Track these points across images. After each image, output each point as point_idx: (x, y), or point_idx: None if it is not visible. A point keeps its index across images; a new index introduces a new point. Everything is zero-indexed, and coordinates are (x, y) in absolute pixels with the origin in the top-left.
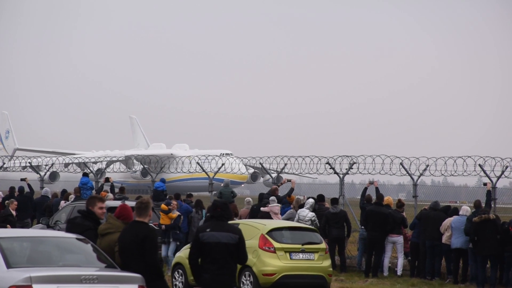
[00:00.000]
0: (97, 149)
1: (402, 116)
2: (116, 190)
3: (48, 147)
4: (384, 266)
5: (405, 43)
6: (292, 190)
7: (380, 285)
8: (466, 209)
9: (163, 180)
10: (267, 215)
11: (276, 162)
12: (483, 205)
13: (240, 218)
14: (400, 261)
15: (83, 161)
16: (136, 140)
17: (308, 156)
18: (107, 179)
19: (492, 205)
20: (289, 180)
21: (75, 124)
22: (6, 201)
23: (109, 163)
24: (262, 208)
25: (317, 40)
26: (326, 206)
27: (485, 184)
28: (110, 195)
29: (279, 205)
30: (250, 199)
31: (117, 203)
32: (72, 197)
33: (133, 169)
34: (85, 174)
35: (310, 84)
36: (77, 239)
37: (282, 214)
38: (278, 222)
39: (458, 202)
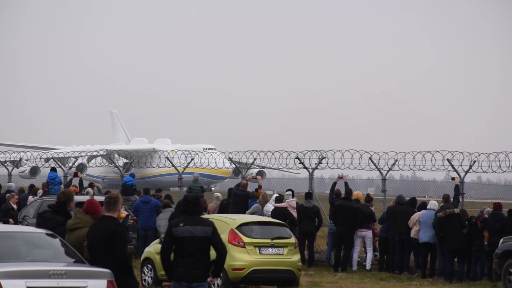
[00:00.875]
0: (77, 144)
1: (373, 111)
2: (85, 185)
3: (26, 142)
4: (353, 261)
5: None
6: (260, 186)
7: (349, 279)
8: (434, 204)
9: (132, 175)
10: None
11: (245, 156)
12: (452, 199)
13: (209, 213)
14: (369, 255)
15: (64, 156)
16: (117, 134)
17: (277, 151)
18: (75, 174)
19: (460, 200)
20: (255, 177)
21: (54, 117)
22: (7, 195)
23: (90, 158)
24: (277, 204)
25: (304, 36)
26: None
27: (453, 179)
28: (91, 191)
29: (295, 199)
30: (219, 194)
31: (85, 198)
32: (40, 192)
33: (115, 164)
34: (53, 169)
35: (289, 80)
36: (46, 234)
37: (249, 208)
38: (247, 217)
39: (426, 196)
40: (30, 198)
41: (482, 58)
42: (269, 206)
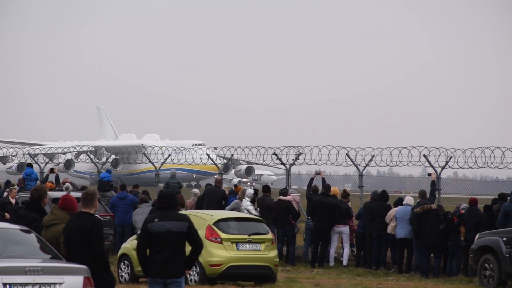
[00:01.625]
0: (64, 139)
1: (350, 108)
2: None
3: (13, 138)
4: (330, 257)
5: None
6: (240, 182)
7: (326, 275)
8: (410, 199)
9: (109, 171)
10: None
11: (223, 152)
12: (428, 195)
13: (187, 209)
14: (346, 251)
15: (51, 151)
16: (104, 130)
17: (254, 147)
18: (52, 170)
19: (437, 195)
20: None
21: (40, 113)
22: (7, 189)
23: (78, 153)
24: (282, 197)
25: (288, 32)
26: (270, 197)
27: (429, 174)
28: (70, 186)
29: (299, 194)
30: (197, 190)
31: (61, 194)
32: (16, 188)
33: (103, 160)
34: (30, 165)
35: (271, 76)
36: (21, 230)
37: (228, 204)
38: (225, 212)
39: (403, 192)
40: (6, 194)
41: (471, 55)
42: (246, 202)
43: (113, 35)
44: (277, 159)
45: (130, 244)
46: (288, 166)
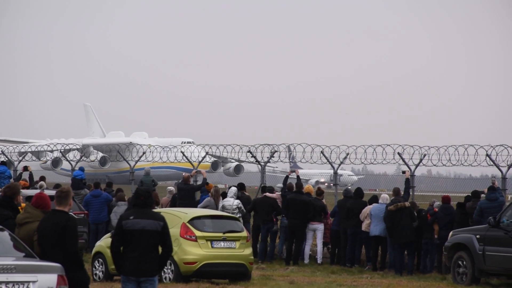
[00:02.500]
0: (51, 137)
1: (324, 107)
2: (36, 179)
3: None
4: (305, 254)
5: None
6: (205, 180)
7: (301, 272)
8: (385, 197)
9: (81, 169)
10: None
11: (197, 150)
12: (402, 192)
13: (162, 207)
14: (320, 248)
15: (38, 149)
16: (91, 128)
17: (229, 145)
18: (25, 168)
19: (411, 193)
20: (199, 171)
21: (26, 110)
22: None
23: (65, 151)
24: (268, 194)
25: (285, 28)
26: (246, 194)
27: (403, 172)
28: (44, 184)
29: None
30: (172, 188)
31: (34, 191)
32: None
33: (91, 158)
34: (3, 163)
35: (255, 74)
36: None
37: (200, 202)
38: (199, 210)
39: (377, 190)
40: None
41: (454, 53)
42: (231, 200)
43: (114, 32)
44: (252, 157)
45: (104, 242)
46: (263, 164)
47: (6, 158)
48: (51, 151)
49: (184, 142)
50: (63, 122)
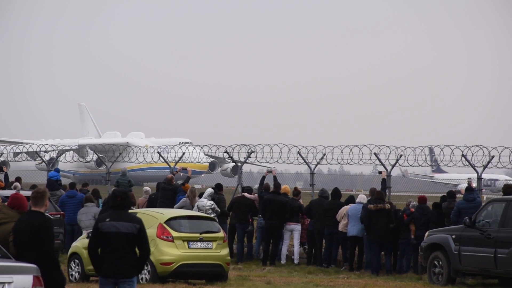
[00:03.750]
0: (46, 137)
1: (303, 107)
2: (12, 179)
3: None
4: (282, 254)
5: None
6: (188, 178)
7: (278, 273)
8: (362, 197)
9: (57, 170)
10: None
11: (174, 151)
12: (378, 193)
13: (139, 207)
14: (297, 249)
15: (33, 149)
16: (86, 128)
17: (206, 145)
18: (0, 169)
19: (387, 193)
20: (184, 169)
21: (22, 111)
22: None
23: (61, 152)
24: (246, 195)
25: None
26: (222, 195)
27: (380, 173)
28: (18, 185)
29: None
30: (149, 188)
31: (10, 192)
32: None
33: (87, 159)
34: None
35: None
36: None
37: (177, 202)
38: (176, 211)
39: (354, 190)
40: None
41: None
42: (205, 201)
43: (115, 31)
44: (228, 157)
45: (80, 243)
46: (240, 164)
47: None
48: (46, 152)
49: (182, 143)
50: (56, 122)
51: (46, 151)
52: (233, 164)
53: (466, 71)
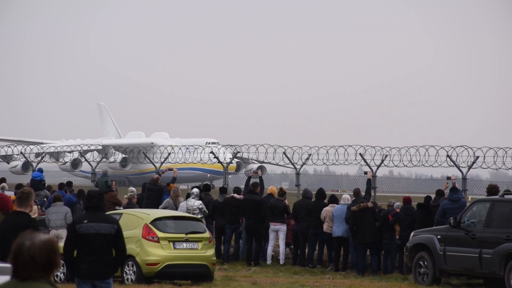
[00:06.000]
0: (66, 138)
1: (288, 108)
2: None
3: (12, 136)
4: (267, 255)
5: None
6: (174, 179)
7: (263, 273)
8: (346, 198)
9: (40, 170)
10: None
11: (159, 151)
12: (363, 193)
13: (123, 208)
14: (282, 249)
15: (56, 150)
16: (106, 128)
17: (191, 146)
18: None
19: (372, 194)
20: (170, 169)
21: (41, 111)
22: None
23: (85, 152)
24: (236, 195)
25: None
26: (211, 196)
27: (365, 173)
28: (5, 185)
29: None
30: (134, 189)
31: None
32: None
33: (110, 159)
34: None
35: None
36: None
37: (162, 202)
38: (161, 211)
39: (339, 190)
40: None
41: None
42: (192, 201)
43: (118, 32)
44: (214, 157)
45: None
46: (225, 165)
47: (25, 159)
48: (70, 152)
49: (209, 143)
50: (72, 122)
51: (69, 152)
52: (258, 164)
53: (464, 73)
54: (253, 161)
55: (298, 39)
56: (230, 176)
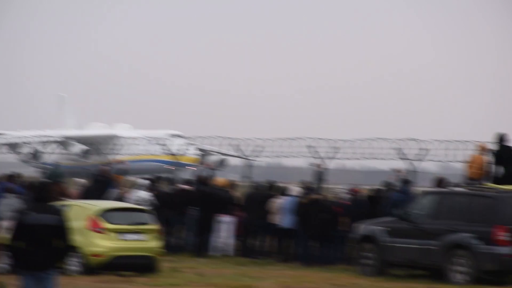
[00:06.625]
0: (22, 128)
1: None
2: None
3: None
4: (215, 246)
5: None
6: (124, 171)
7: (210, 264)
8: (296, 190)
9: None
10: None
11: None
12: (313, 185)
13: (71, 199)
14: (229, 241)
15: (14, 141)
16: (64, 119)
17: (143, 137)
18: None
19: (322, 186)
20: (121, 161)
21: None
22: None
23: (46, 144)
24: (186, 187)
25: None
26: (160, 187)
27: (318, 165)
28: None
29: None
30: (82, 180)
31: None
32: None
33: (71, 151)
34: None
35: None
36: None
37: (110, 193)
38: (108, 203)
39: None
40: None
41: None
42: (141, 193)
43: (96, 24)
44: (166, 149)
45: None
46: (177, 156)
47: None
48: (28, 143)
49: (172, 135)
50: (31, 113)
51: (28, 143)
52: (221, 157)
53: (463, 73)
54: (214, 153)
55: (282, 36)
56: (195, 168)
